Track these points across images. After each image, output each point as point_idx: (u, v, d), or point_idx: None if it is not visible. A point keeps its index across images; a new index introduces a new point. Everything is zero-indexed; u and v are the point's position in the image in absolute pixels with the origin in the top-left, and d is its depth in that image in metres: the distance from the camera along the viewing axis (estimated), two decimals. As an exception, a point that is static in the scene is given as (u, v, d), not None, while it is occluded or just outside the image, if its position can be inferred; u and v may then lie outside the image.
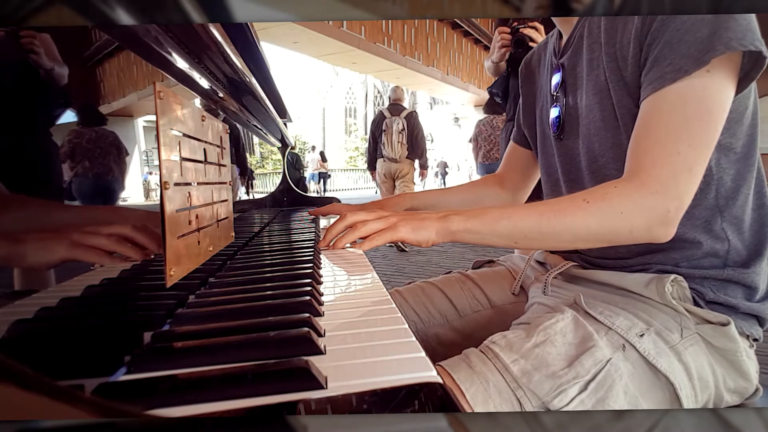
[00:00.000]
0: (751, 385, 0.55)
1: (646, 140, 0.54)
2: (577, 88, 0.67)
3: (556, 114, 0.70)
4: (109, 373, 0.31)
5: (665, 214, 0.52)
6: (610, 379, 0.47)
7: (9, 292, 0.30)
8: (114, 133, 0.40)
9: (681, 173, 0.51)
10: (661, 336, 0.52)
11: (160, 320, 0.40)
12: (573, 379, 0.46)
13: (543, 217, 0.55)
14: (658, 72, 0.53)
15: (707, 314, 0.55)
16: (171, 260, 0.42)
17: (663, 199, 0.51)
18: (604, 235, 0.54)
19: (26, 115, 0.33)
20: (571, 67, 0.67)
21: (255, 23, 0.85)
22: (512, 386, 0.46)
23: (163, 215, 0.41)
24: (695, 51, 0.50)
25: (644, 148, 0.54)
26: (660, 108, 0.53)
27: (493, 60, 1.60)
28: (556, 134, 0.70)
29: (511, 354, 0.49)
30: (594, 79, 0.63)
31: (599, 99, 0.62)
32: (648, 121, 0.54)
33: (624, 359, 0.50)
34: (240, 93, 0.87)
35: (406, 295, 0.78)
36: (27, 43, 0.32)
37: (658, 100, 0.53)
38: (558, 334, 0.51)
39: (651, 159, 0.52)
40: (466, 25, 10.96)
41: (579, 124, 0.66)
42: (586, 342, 0.50)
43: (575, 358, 0.48)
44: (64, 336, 0.34)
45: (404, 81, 11.77)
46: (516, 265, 0.82)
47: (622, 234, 0.54)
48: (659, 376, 0.50)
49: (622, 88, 0.59)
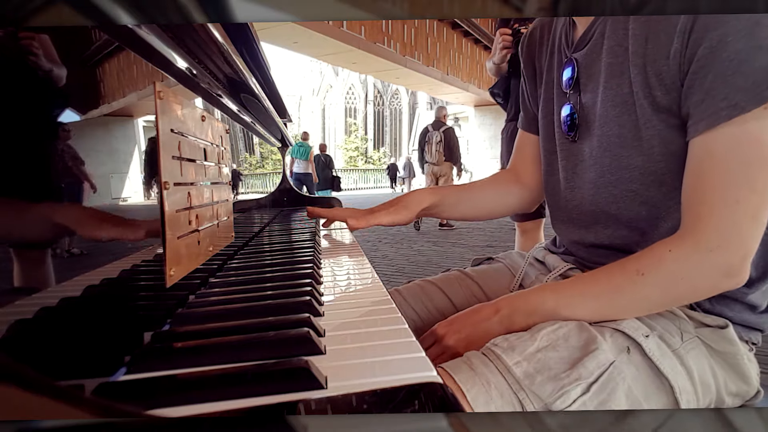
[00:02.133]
0: (752, 388, 0.54)
1: (700, 189, 0.50)
2: (589, 90, 0.62)
3: (567, 112, 0.65)
4: (109, 373, 0.31)
5: (729, 268, 0.49)
6: (613, 382, 0.47)
7: (9, 288, 0.30)
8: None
9: (743, 221, 0.47)
10: (664, 339, 0.52)
11: (160, 320, 0.40)
12: (575, 380, 0.46)
13: (600, 302, 0.53)
14: (711, 107, 0.48)
15: (704, 317, 0.55)
16: (171, 260, 0.42)
17: (725, 254, 0.48)
18: (669, 303, 0.53)
19: (24, 115, 0.33)
20: (585, 66, 0.62)
21: (255, 23, 0.85)
22: (514, 388, 0.46)
23: (163, 215, 0.41)
24: (753, 85, 0.46)
25: (699, 197, 0.49)
26: (712, 151, 0.49)
27: (494, 61, 1.61)
28: (570, 136, 0.65)
29: (514, 356, 0.48)
30: (614, 88, 0.58)
31: (618, 113, 0.58)
32: (701, 166, 0.50)
33: (628, 362, 0.49)
34: (240, 93, 0.87)
35: (405, 294, 0.77)
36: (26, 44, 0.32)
37: (710, 141, 0.49)
38: (561, 338, 0.50)
39: (707, 210, 0.49)
40: (466, 25, 10.97)
41: (593, 130, 0.62)
42: (589, 345, 0.49)
43: (578, 361, 0.47)
44: (64, 336, 0.34)
45: (404, 81, 11.79)
46: (515, 262, 0.81)
47: (688, 297, 0.52)
48: (662, 379, 0.49)
49: (650, 106, 0.54)
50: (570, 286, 0.55)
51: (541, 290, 0.56)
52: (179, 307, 0.45)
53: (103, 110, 0.43)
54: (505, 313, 0.55)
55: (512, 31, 1.51)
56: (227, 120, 0.94)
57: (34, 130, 0.33)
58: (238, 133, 1.34)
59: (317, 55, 9.54)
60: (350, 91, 56.13)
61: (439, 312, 0.76)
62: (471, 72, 11.95)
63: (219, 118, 0.81)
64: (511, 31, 1.51)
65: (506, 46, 1.53)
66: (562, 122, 0.66)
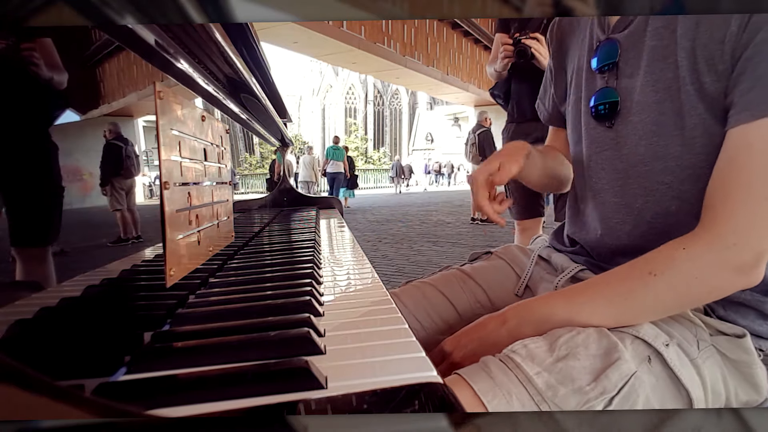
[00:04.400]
0: (761, 396, 0.53)
1: (728, 182, 0.47)
2: (628, 75, 0.58)
3: (601, 98, 0.61)
4: (109, 373, 0.31)
5: (743, 266, 0.47)
6: (635, 393, 0.46)
7: (10, 282, 0.30)
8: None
9: (765, 219, 0.46)
10: (682, 348, 0.51)
11: (160, 320, 0.40)
12: (600, 394, 0.44)
13: (613, 307, 0.51)
14: (759, 97, 0.45)
15: (722, 325, 0.53)
16: (171, 260, 0.42)
17: (741, 252, 0.46)
18: (684, 305, 0.51)
19: (24, 117, 0.33)
20: (628, 47, 0.58)
21: (255, 23, 0.85)
22: (536, 399, 0.44)
23: (163, 215, 0.41)
24: None
25: (725, 192, 0.47)
26: (752, 144, 0.46)
27: (496, 68, 1.63)
28: (600, 121, 0.61)
29: (534, 366, 0.46)
30: (657, 72, 0.54)
31: (660, 98, 0.54)
32: (735, 159, 0.47)
33: (648, 372, 0.48)
34: (240, 93, 0.87)
35: (405, 300, 0.73)
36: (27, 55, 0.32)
37: (751, 133, 0.46)
38: (580, 346, 0.48)
39: (731, 206, 0.47)
40: (466, 25, 10.96)
41: (629, 116, 0.58)
42: (611, 354, 0.47)
43: (601, 372, 0.46)
44: (64, 336, 0.34)
45: (404, 81, 11.78)
46: (516, 257, 0.78)
47: (702, 298, 0.51)
48: (680, 389, 0.48)
49: (696, 93, 0.51)
50: (580, 293, 0.53)
51: (551, 298, 0.54)
52: (179, 307, 0.45)
53: (103, 110, 0.43)
54: (513, 324, 0.54)
55: (513, 41, 1.52)
56: (227, 120, 0.94)
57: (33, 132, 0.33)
58: (238, 133, 1.34)
59: (317, 55, 9.54)
60: (350, 91, 56.12)
61: (444, 322, 0.72)
62: (471, 72, 11.94)
63: (219, 118, 0.81)
64: (512, 41, 1.52)
65: (507, 56, 1.54)
66: (591, 108, 0.62)
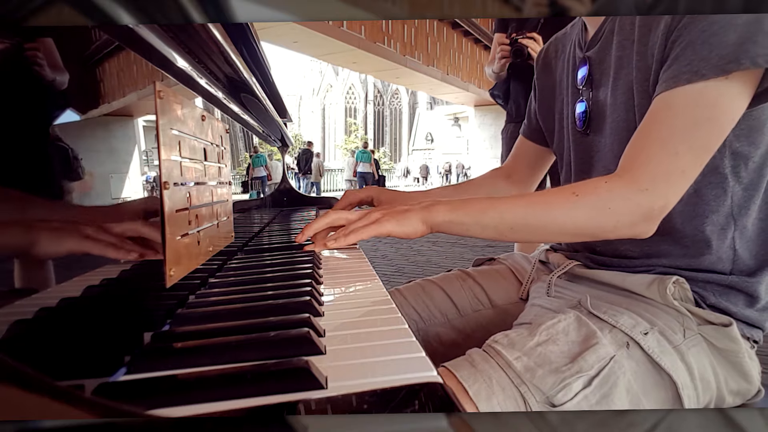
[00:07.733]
0: (753, 387, 0.55)
1: (648, 136, 0.53)
2: (602, 84, 0.65)
3: (582, 109, 0.68)
4: (109, 373, 0.31)
5: (650, 212, 0.52)
6: (614, 376, 0.47)
7: (8, 290, 0.30)
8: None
9: (674, 174, 0.51)
10: (665, 335, 0.52)
11: (160, 320, 0.40)
12: (576, 373, 0.46)
13: (530, 209, 0.54)
14: (676, 70, 0.52)
15: (709, 315, 0.55)
16: (171, 260, 0.42)
17: (651, 197, 0.51)
18: (590, 229, 0.54)
19: (25, 116, 0.33)
20: (598, 62, 0.66)
21: (255, 23, 0.85)
22: (515, 382, 0.46)
23: (163, 215, 0.41)
24: (717, 58, 0.48)
25: (644, 143, 0.53)
26: (670, 106, 0.52)
27: (494, 70, 1.64)
28: (582, 129, 0.68)
29: (514, 351, 0.49)
30: (623, 78, 0.61)
31: (626, 99, 0.61)
32: (655, 117, 0.53)
33: (628, 357, 0.50)
34: (240, 93, 0.87)
35: (406, 294, 0.77)
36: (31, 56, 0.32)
37: (669, 98, 0.52)
38: (561, 333, 0.51)
39: (647, 155, 0.52)
40: (466, 25, 10.96)
41: (605, 121, 0.65)
42: (589, 339, 0.50)
43: (578, 354, 0.48)
44: (64, 336, 0.34)
45: (404, 81, 11.78)
46: (517, 263, 0.81)
47: (607, 229, 0.53)
48: (662, 374, 0.50)
49: (647, 89, 0.57)
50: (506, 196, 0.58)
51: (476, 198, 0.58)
52: (179, 307, 0.45)
53: (103, 110, 0.43)
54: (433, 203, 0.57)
55: (510, 41, 1.52)
56: (227, 120, 0.94)
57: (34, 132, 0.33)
58: (238, 133, 1.34)
59: (317, 55, 9.54)
60: (350, 91, 56.13)
61: (441, 312, 0.75)
62: (471, 72, 11.94)
63: (219, 118, 0.81)
64: (509, 41, 1.52)
65: (504, 56, 1.55)
66: (577, 118, 0.69)
